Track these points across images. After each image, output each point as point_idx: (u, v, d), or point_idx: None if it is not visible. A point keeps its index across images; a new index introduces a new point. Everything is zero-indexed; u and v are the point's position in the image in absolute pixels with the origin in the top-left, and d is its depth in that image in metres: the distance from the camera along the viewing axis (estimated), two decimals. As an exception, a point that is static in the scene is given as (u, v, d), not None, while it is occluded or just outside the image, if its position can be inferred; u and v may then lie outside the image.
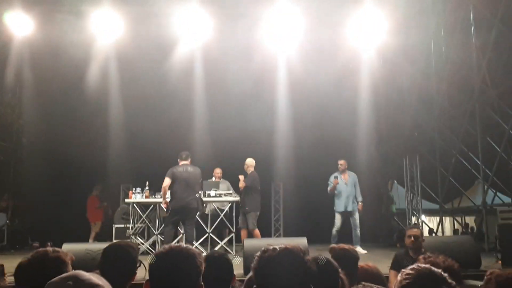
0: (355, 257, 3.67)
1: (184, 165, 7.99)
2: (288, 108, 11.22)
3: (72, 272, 1.90)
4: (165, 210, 8.21)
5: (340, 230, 9.55)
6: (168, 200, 7.95)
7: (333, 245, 3.86)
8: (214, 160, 10.38)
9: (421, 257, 3.33)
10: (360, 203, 9.60)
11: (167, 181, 7.79)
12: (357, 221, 9.57)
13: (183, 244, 2.10)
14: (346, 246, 3.80)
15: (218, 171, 10.13)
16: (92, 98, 10.86)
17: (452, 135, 11.60)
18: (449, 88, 11.42)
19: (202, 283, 1.97)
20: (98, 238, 11.07)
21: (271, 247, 2.10)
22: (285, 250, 2.07)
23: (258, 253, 2.12)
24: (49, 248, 2.60)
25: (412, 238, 5.20)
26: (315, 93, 10.74)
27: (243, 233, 9.10)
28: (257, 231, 9.07)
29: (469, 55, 10.60)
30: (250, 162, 9.45)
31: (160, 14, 9.59)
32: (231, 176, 10.04)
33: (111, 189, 11.88)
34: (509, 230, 6.89)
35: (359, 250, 8.91)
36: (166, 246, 2.03)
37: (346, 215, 9.60)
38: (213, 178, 10.04)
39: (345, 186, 9.62)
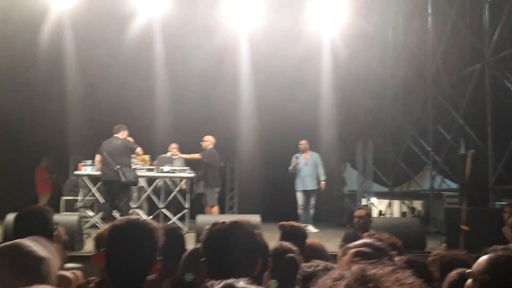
0: (303, 234, 3.76)
1: (113, 138, 8.08)
2: (250, 88, 11.17)
3: (13, 241, 1.83)
4: None
5: (305, 208, 9.70)
6: None
7: (283, 222, 3.92)
8: (173, 136, 10.25)
9: (366, 234, 3.44)
10: (322, 183, 9.72)
11: (96, 156, 8.17)
12: (313, 201, 9.77)
13: (141, 217, 2.08)
14: (295, 223, 3.89)
15: (173, 145, 9.91)
16: (46, 65, 10.43)
17: (405, 121, 11.90)
18: (404, 75, 11.69)
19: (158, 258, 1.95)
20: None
21: (221, 221, 2.11)
22: (234, 224, 2.08)
23: (208, 226, 2.12)
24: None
25: (358, 219, 5.40)
26: (278, 74, 10.72)
27: (206, 210, 9.17)
28: (215, 208, 9.15)
29: (425, 43, 10.86)
30: (209, 138, 9.43)
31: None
32: (190, 152, 9.89)
33: (61, 160, 11.56)
34: (454, 214, 7.17)
35: (311, 228, 9.12)
36: (123, 218, 1.99)
37: (307, 194, 9.74)
38: (168, 154, 9.90)
39: (304, 165, 9.75)
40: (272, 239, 3.39)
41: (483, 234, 5.78)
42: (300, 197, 9.78)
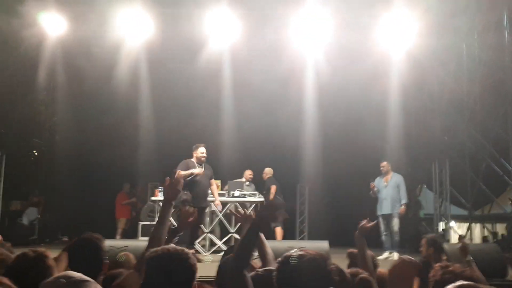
0: (373, 263, 3.66)
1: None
2: (316, 110, 11.15)
3: (63, 272, 1.99)
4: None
5: (389, 234, 9.31)
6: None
7: (351, 250, 3.84)
8: (240, 161, 10.48)
9: (437, 265, 3.26)
10: (402, 206, 9.25)
11: None
12: (395, 227, 9.26)
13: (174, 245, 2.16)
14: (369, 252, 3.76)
15: (249, 172, 10.38)
16: (122, 98, 11.07)
17: (483, 139, 11.33)
18: (481, 92, 11.16)
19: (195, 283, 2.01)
20: (125, 235, 11.26)
21: (295, 253, 2.10)
22: (308, 258, 2.07)
23: (280, 260, 2.13)
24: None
25: (424, 247, 5.19)
26: (343, 96, 10.65)
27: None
28: (278, 229, 9.69)
29: (503, 58, 10.36)
30: (268, 170, 10.35)
31: (189, 15, 9.68)
32: (257, 176, 10.41)
33: (140, 187, 12.10)
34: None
35: (395, 256, 8.77)
36: (159, 248, 2.07)
37: (385, 218, 9.37)
38: (242, 179, 10.23)
39: (384, 188, 9.40)
40: (341, 265, 3.31)
41: None
42: (381, 222, 9.36)
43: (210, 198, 8.78)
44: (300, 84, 10.92)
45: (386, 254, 9.29)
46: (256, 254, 2.96)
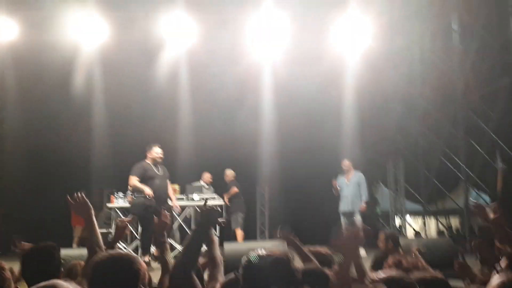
0: (329, 260, 3.74)
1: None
2: (273, 112, 11.25)
3: (50, 281, 1.96)
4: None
5: None
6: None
7: (308, 248, 3.91)
8: (196, 165, 10.47)
9: (390, 258, 3.39)
10: (363, 204, 9.43)
11: None
12: (358, 223, 9.43)
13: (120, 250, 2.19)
14: (322, 249, 3.86)
15: (207, 175, 10.33)
16: (76, 102, 10.82)
17: (436, 137, 11.74)
18: (433, 92, 11.57)
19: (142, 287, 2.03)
20: (82, 243, 10.98)
21: (258, 254, 2.14)
22: (273, 259, 2.11)
23: (244, 262, 2.16)
24: None
25: (381, 243, 5.38)
26: (300, 98, 10.77)
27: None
28: (238, 231, 9.87)
29: (453, 59, 10.77)
30: (230, 173, 10.53)
31: (145, 18, 9.60)
32: (216, 179, 10.46)
33: (94, 193, 11.83)
34: (488, 231, 6.96)
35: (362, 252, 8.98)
36: (104, 254, 2.11)
37: (349, 216, 9.51)
38: (200, 182, 10.16)
39: (346, 186, 9.58)
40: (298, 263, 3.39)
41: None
42: (341, 219, 9.60)
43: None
44: (257, 86, 11.00)
45: None
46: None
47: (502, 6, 9.57)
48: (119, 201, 8.97)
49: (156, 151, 7.74)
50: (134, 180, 7.52)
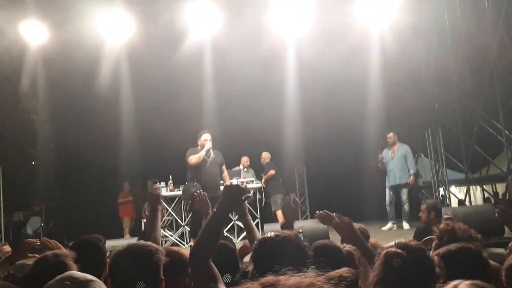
0: (364, 234, 3.71)
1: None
2: (298, 92, 11.13)
3: (66, 273, 2.01)
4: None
5: (393, 204, 9.51)
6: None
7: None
8: (230, 150, 10.54)
9: (435, 227, 3.25)
10: (411, 176, 9.39)
11: None
12: (404, 196, 9.41)
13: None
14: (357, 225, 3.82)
15: (245, 158, 10.53)
16: (106, 98, 11.06)
17: (473, 103, 11.37)
18: (466, 59, 11.18)
19: (163, 277, 2.05)
20: (133, 234, 11.33)
21: (269, 235, 2.16)
22: (283, 239, 2.13)
23: (256, 241, 2.19)
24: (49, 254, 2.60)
25: (421, 213, 5.31)
26: (325, 75, 10.62)
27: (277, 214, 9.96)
28: (279, 212, 9.65)
29: (484, 22, 10.36)
30: (265, 155, 10.56)
31: (168, 9, 9.68)
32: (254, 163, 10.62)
33: (138, 185, 12.18)
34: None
35: (405, 225, 8.98)
36: (123, 246, 2.13)
37: (396, 189, 9.47)
38: (241, 166, 10.31)
39: (391, 159, 9.50)
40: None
41: None
42: (387, 193, 9.56)
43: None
44: (282, 67, 10.85)
45: (389, 225, 9.44)
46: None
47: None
48: (162, 190, 9.16)
49: (205, 137, 7.93)
50: (192, 157, 7.85)
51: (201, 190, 7.12)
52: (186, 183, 8.25)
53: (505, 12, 9.70)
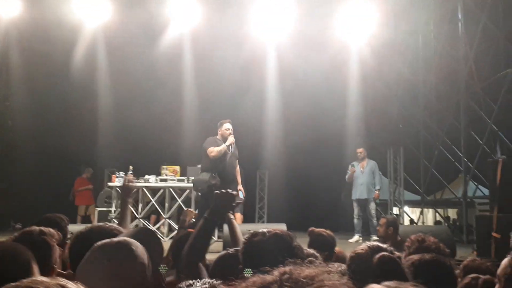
0: (332, 242, 3.74)
1: None
2: (277, 97, 11.24)
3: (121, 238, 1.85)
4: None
5: (361, 218, 9.71)
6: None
7: (312, 228, 3.91)
8: (200, 148, 10.44)
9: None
10: (376, 192, 9.67)
11: None
12: (372, 211, 9.67)
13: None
14: (324, 231, 3.86)
15: None
16: (80, 82, 10.81)
17: (437, 128, 11.70)
18: (436, 82, 11.52)
19: None
20: (84, 221, 11.04)
21: (261, 231, 2.14)
22: (274, 235, 2.11)
23: (246, 236, 2.16)
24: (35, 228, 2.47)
25: (380, 227, 5.43)
26: (305, 84, 10.76)
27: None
28: (238, 215, 9.35)
29: (457, 49, 10.68)
30: None
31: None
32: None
33: (97, 173, 11.88)
34: (485, 221, 6.97)
35: (374, 239, 9.05)
36: (87, 226, 2.10)
37: (362, 203, 9.68)
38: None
39: (360, 174, 9.69)
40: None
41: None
42: (355, 206, 9.77)
43: (169, 184, 8.79)
44: (262, 71, 10.94)
45: (356, 238, 9.59)
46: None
47: (507, -4, 9.49)
48: (120, 180, 9.01)
49: (226, 127, 7.28)
50: (212, 148, 7.09)
51: (220, 184, 6.69)
52: (200, 173, 7.36)
53: (477, 44, 10.02)
